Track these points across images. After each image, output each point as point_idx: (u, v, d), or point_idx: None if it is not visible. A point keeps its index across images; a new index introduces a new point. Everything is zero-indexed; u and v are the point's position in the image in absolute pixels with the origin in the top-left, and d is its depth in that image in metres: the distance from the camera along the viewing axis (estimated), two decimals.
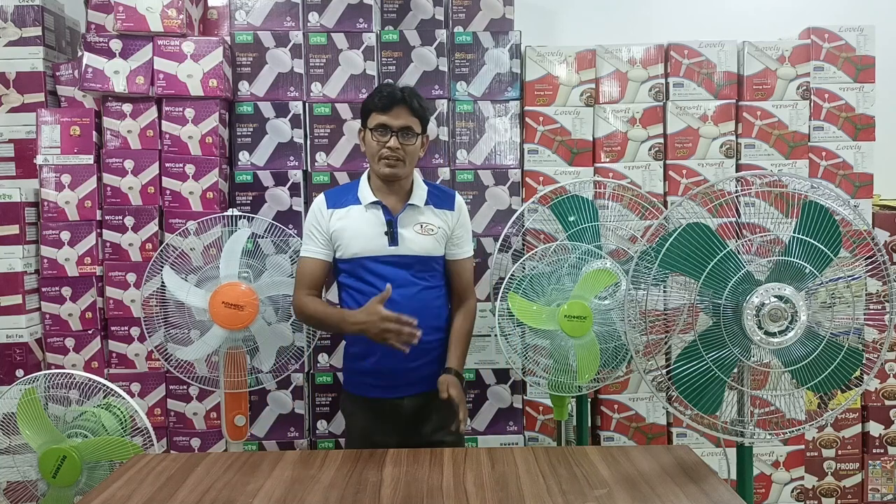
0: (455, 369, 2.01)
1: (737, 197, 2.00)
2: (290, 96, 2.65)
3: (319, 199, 2.08)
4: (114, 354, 2.57)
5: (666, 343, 2.21)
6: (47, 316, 2.54)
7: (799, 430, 1.82)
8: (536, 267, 2.40)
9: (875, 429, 2.78)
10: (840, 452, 2.79)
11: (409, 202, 2.04)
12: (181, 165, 2.55)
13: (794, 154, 2.71)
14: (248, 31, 2.65)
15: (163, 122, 2.57)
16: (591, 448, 1.77)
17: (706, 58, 2.70)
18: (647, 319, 1.82)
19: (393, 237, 2.00)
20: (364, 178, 2.10)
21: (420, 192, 2.07)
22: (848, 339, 1.74)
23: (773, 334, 1.67)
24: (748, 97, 2.71)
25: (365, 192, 2.05)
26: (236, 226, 2.35)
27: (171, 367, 2.31)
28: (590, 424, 2.65)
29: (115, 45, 2.54)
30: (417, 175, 2.11)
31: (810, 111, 2.73)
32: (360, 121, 2.06)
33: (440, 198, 2.10)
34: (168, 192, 2.56)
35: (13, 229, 2.47)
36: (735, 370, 1.74)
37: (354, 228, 2.01)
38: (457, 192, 2.16)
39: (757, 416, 1.80)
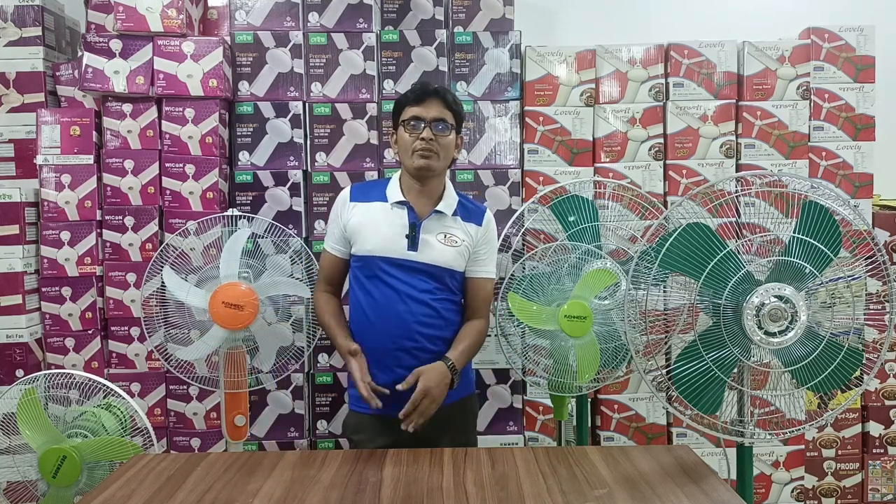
0: (451, 359, 1.90)
1: (737, 197, 2.00)
2: (290, 96, 2.65)
3: (345, 191, 2.03)
4: (114, 354, 2.57)
5: (666, 343, 2.21)
6: (47, 316, 2.54)
7: (799, 430, 1.82)
8: (536, 267, 2.40)
9: (875, 429, 2.78)
10: (840, 452, 2.79)
11: (437, 209, 1.96)
12: (181, 165, 2.55)
13: (794, 154, 2.71)
14: (248, 31, 2.65)
15: (163, 122, 2.56)
16: (591, 448, 1.77)
17: (706, 58, 2.70)
18: (647, 319, 1.82)
19: (414, 242, 1.92)
20: (395, 177, 2.02)
21: (450, 200, 1.99)
22: (848, 339, 1.74)
23: (773, 334, 1.67)
24: (748, 97, 2.71)
25: (393, 190, 1.97)
26: (236, 226, 2.35)
27: (171, 367, 2.31)
28: (590, 424, 2.65)
29: (115, 45, 2.54)
30: (450, 183, 2.04)
31: (810, 111, 2.73)
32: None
33: (469, 211, 2.02)
34: (168, 192, 2.56)
35: (13, 229, 2.47)
36: (735, 370, 1.74)
37: (374, 225, 1.94)
38: (488, 209, 2.07)
39: (757, 416, 1.80)
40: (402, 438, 1.89)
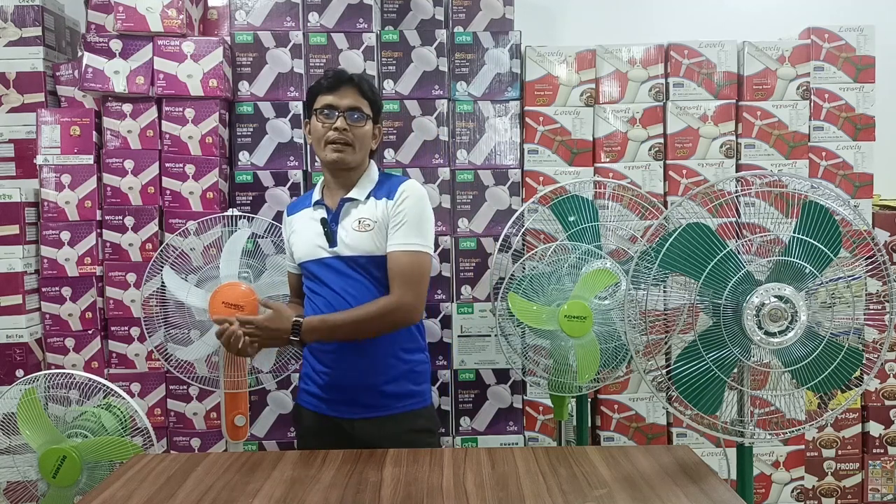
0: (300, 321, 1.75)
1: (737, 197, 2.00)
2: (290, 96, 2.65)
3: (286, 210, 2.04)
4: (114, 354, 2.57)
5: (666, 343, 2.21)
6: (47, 316, 2.54)
7: (799, 430, 1.82)
8: (536, 267, 2.40)
9: (875, 429, 2.78)
10: (840, 452, 2.79)
11: (346, 196, 1.86)
12: (181, 165, 2.55)
13: (794, 154, 2.71)
14: (248, 31, 2.65)
15: (163, 122, 2.57)
16: (591, 448, 1.77)
17: (706, 58, 2.70)
18: (647, 319, 1.82)
19: (332, 237, 1.84)
20: (321, 180, 1.98)
21: (366, 184, 1.87)
22: (848, 339, 1.73)
23: (773, 334, 1.67)
24: (748, 97, 2.71)
25: (316, 193, 1.94)
26: (236, 226, 2.35)
27: (171, 367, 2.31)
28: (590, 424, 2.65)
29: (115, 45, 2.54)
30: (373, 167, 1.93)
31: (810, 111, 2.73)
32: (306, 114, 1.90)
33: (385, 187, 1.87)
34: (168, 192, 2.56)
35: (13, 229, 2.47)
36: (735, 370, 1.74)
37: (299, 233, 1.92)
38: (409, 179, 1.92)
39: (757, 416, 1.80)
40: (341, 439, 1.85)
